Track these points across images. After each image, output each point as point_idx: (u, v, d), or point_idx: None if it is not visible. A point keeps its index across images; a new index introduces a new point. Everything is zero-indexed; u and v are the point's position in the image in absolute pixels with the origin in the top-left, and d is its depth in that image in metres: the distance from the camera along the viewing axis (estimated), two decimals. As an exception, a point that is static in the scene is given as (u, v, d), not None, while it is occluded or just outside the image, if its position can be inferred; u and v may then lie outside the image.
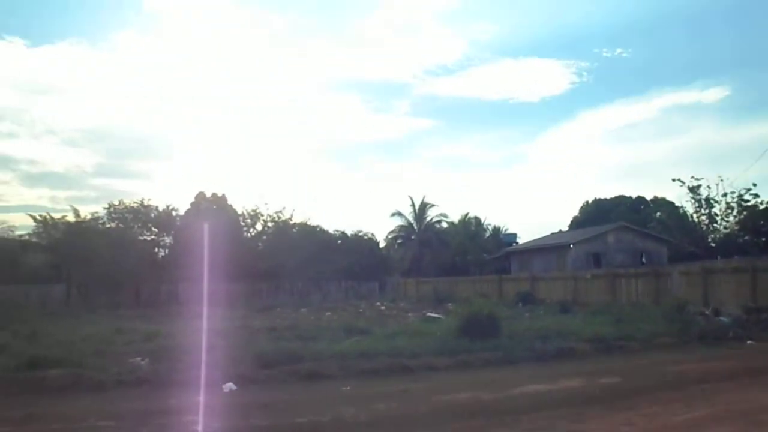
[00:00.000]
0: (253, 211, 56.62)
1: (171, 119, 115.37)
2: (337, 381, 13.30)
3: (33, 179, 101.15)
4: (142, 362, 15.15)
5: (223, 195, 57.91)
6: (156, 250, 55.02)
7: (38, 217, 52.39)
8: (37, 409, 10.86)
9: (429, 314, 28.89)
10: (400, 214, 67.25)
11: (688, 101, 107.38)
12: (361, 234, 60.23)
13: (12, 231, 54.86)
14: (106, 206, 54.11)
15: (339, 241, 58.57)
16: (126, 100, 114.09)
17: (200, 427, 9.39)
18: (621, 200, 76.90)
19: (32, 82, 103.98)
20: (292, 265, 51.21)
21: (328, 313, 31.87)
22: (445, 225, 69.65)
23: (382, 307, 37.07)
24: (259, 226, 57.35)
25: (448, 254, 64.93)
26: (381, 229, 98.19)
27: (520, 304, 32.46)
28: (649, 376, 13.77)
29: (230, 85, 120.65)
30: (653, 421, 9.28)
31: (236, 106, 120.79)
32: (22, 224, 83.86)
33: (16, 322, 25.28)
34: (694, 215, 52.36)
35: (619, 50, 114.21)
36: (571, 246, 53.65)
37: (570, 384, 12.67)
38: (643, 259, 53.52)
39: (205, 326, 18.99)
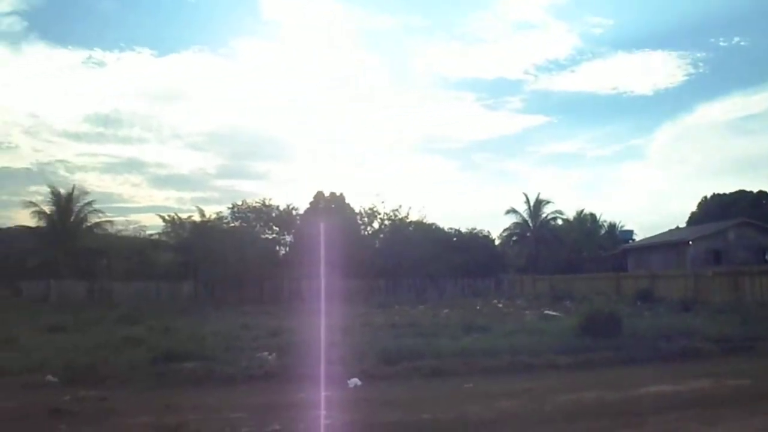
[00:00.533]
0: (370, 209, 57.13)
1: (289, 121, 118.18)
2: (460, 378, 13.39)
3: (161, 181, 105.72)
4: (270, 357, 15.64)
5: (341, 194, 58.78)
6: (277, 248, 56.27)
7: (167, 217, 54.77)
8: (174, 399, 11.43)
9: (547, 312, 28.57)
10: (514, 211, 66.53)
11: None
12: (476, 231, 59.93)
13: (143, 230, 57.63)
14: (230, 206, 55.88)
15: (454, 239, 58.35)
16: (246, 104, 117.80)
17: (329, 422, 9.64)
18: (741, 195, 73.81)
19: (159, 90, 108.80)
20: (409, 263, 51.41)
21: (446, 311, 31.82)
22: (560, 222, 68.49)
23: (500, 305, 36.77)
24: (376, 225, 57.83)
25: (564, 251, 63.94)
26: (496, 226, 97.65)
27: (639, 302, 31.64)
28: (782, 379, 13.29)
29: (345, 86, 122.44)
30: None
31: (352, 106, 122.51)
32: (152, 224, 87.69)
33: (150, 317, 26.64)
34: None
35: (736, 39, 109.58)
36: (690, 243, 52.02)
37: (698, 385, 12.33)
38: (767, 257, 51.28)
39: (327, 322, 19.38)
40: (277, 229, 55.77)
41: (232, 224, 54.62)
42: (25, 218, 54.14)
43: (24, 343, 18.18)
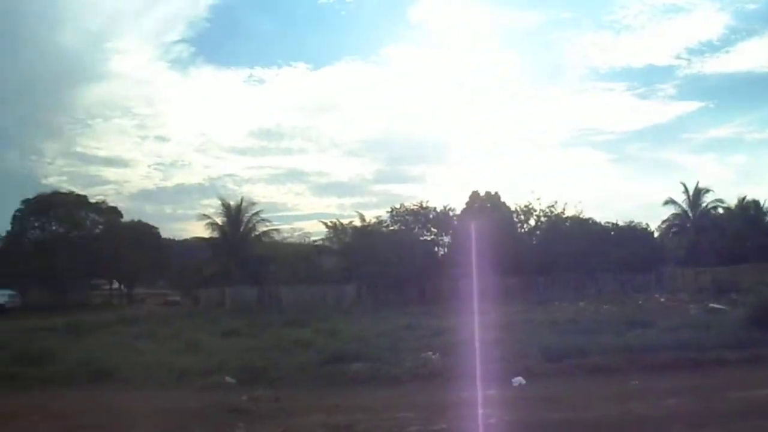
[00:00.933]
0: (525, 206, 56.46)
1: (442, 122, 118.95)
2: (624, 375, 13.19)
3: (322, 189, 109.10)
4: (433, 356, 15.87)
5: (496, 193, 58.38)
6: (436, 248, 56.54)
7: (329, 224, 56.40)
8: (342, 399, 11.88)
9: (712, 305, 27.42)
10: (673, 201, 63.48)
11: None
12: (633, 224, 58.01)
13: (307, 237, 59.60)
14: (389, 210, 56.70)
15: (612, 233, 56.71)
16: (399, 109, 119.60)
17: (494, 421, 9.74)
18: None
19: (316, 102, 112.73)
20: (566, 259, 50.43)
21: (606, 306, 31.21)
22: (721, 210, 64.86)
23: (662, 299, 35.64)
24: (532, 221, 57.04)
25: (726, 241, 60.55)
26: (653, 218, 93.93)
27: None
28: None
29: (493, 84, 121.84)
30: None
31: (502, 104, 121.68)
32: (316, 230, 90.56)
33: (316, 320, 27.61)
34: None
35: None
36: None
37: None
38: None
39: (487, 320, 19.47)
40: (435, 230, 56.02)
41: (392, 227, 55.39)
42: (200, 230, 57.32)
43: (203, 347, 19.32)
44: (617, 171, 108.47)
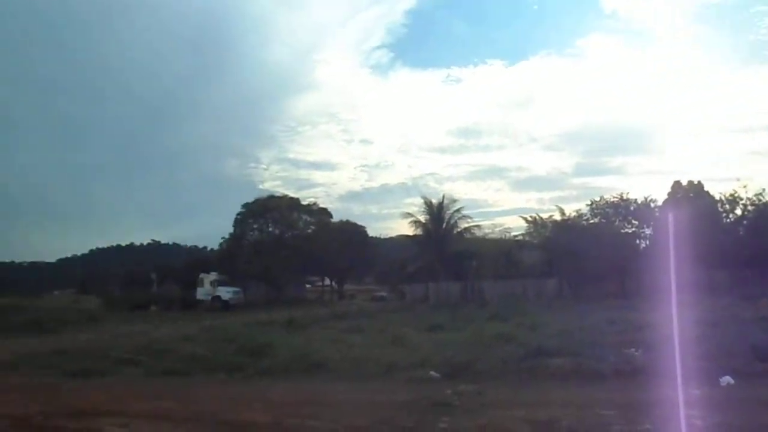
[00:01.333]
0: (730, 195, 53.47)
1: (640, 113, 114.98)
2: None
3: (521, 184, 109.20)
4: (636, 353, 15.69)
5: (699, 182, 56.19)
6: (637, 241, 54.91)
7: (529, 218, 56.35)
8: (543, 394, 12.06)
9: None
10: None
11: None
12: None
13: (508, 232, 59.82)
14: (588, 203, 55.70)
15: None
16: (595, 101, 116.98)
17: (701, 422, 9.47)
18: None
19: (512, 97, 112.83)
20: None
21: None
22: None
23: None
24: (738, 211, 53.92)
25: None
26: None
27: None
28: None
29: (692, 68, 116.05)
30: None
31: (702, 88, 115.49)
32: (516, 225, 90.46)
33: (517, 314, 27.82)
34: None
35: None
36: None
37: None
38: None
39: (691, 316, 18.87)
40: (636, 222, 54.37)
41: (592, 221, 54.41)
42: (404, 228, 59.21)
43: (409, 342, 20.13)
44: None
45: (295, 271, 63.54)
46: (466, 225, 57.45)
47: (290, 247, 60.99)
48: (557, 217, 54.76)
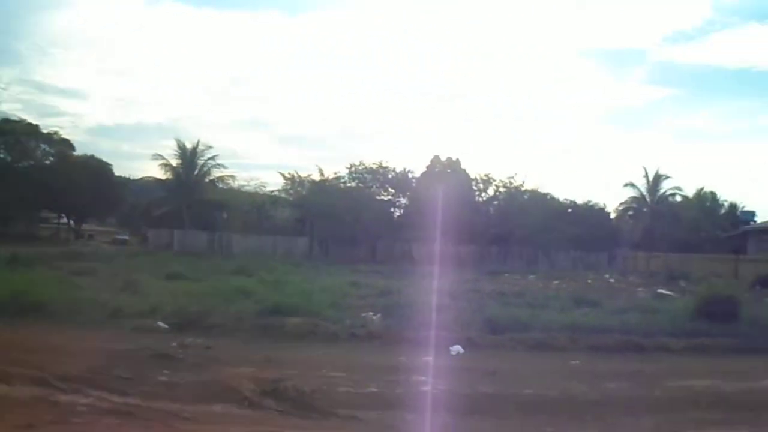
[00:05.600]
0: (485, 175, 56.43)
1: (408, 85, 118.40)
2: (566, 354, 13.00)
3: (284, 140, 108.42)
4: (375, 317, 15.68)
5: (457, 159, 58.28)
6: (392, 209, 56.45)
7: (287, 175, 55.77)
8: (276, 354, 11.63)
9: (660, 291, 27.47)
10: (632, 185, 63.81)
11: None
12: (591, 204, 58.47)
13: (264, 186, 59.03)
14: (348, 166, 56.23)
15: (569, 210, 57.02)
16: (366, 68, 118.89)
17: (427, 388, 9.51)
18: None
19: (288, 51, 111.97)
20: (522, 232, 50.65)
21: (556, 282, 31.14)
22: (678, 198, 65.52)
23: (611, 280, 35.72)
24: (491, 191, 57.05)
25: (681, 229, 61.19)
26: (612, 199, 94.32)
27: (759, 288, 29.97)
28: None
29: (465, 51, 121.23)
30: None
31: (472, 72, 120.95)
32: (274, 181, 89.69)
33: (264, 269, 27.20)
34: None
35: None
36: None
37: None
38: None
39: (435, 286, 19.24)
40: (393, 191, 55.87)
41: (349, 184, 55.10)
42: (155, 170, 56.29)
43: (143, 289, 18.83)
44: (582, 149, 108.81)
45: (26, 205, 58.29)
46: (220, 174, 55.74)
47: (23, 176, 55.77)
48: (316, 176, 54.82)
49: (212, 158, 55.17)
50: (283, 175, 56.12)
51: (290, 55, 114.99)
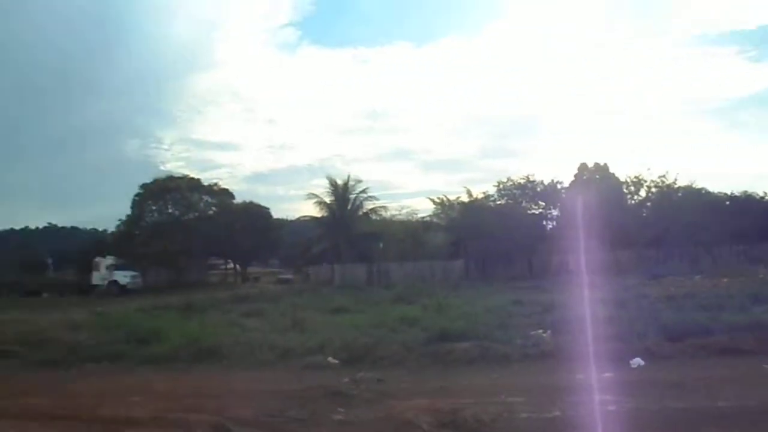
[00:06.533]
0: (635, 177, 54.56)
1: (546, 97, 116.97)
2: (756, 357, 12.03)
3: (428, 166, 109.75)
4: (544, 334, 15.22)
5: (605, 164, 57.05)
6: (544, 222, 55.57)
7: (436, 200, 56.24)
8: (448, 381, 11.46)
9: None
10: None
11: None
12: (750, 194, 55.15)
13: (415, 214, 59.63)
14: (495, 184, 55.91)
15: (727, 203, 54.13)
16: (502, 86, 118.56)
17: (613, 408, 9.02)
18: None
19: (421, 80, 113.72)
20: (679, 231, 48.37)
21: (726, 280, 29.49)
22: None
23: (786, 271, 33.42)
24: (642, 193, 55.14)
25: None
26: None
27: None
28: None
29: (597, 53, 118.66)
30: None
31: (607, 74, 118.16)
32: (423, 207, 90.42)
33: (423, 295, 27.24)
34: None
35: None
36: None
37: None
38: None
39: (598, 296, 18.62)
40: (543, 203, 55.01)
41: (499, 202, 54.66)
42: (310, 209, 58.42)
43: (310, 325, 19.17)
44: (730, 139, 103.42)
45: (196, 254, 61.90)
46: (372, 206, 56.99)
47: (190, 228, 59.27)
48: (465, 198, 54.82)
49: (363, 191, 56.75)
50: (432, 201, 56.82)
51: (424, 82, 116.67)
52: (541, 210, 55.47)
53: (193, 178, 65.59)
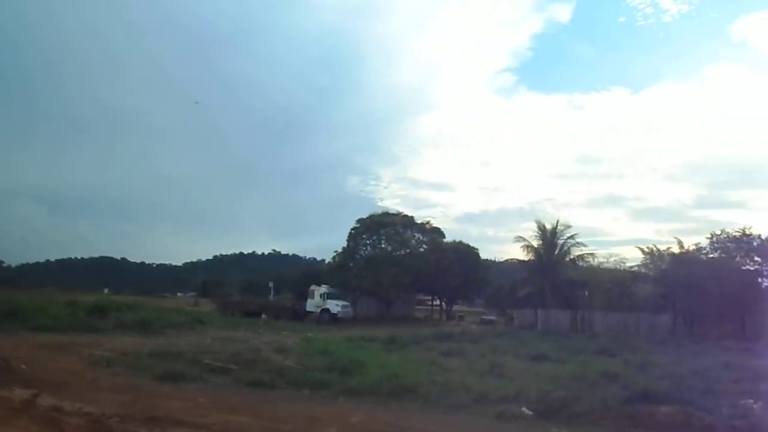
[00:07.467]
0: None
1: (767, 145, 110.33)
2: None
3: (639, 214, 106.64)
4: (755, 405, 14.27)
5: (828, 219, 52.67)
6: (759, 279, 51.94)
7: (645, 249, 54.20)
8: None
9: None
10: None
11: None
12: None
13: (623, 262, 57.79)
14: (708, 236, 53.19)
15: None
16: (721, 132, 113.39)
17: None
18: None
19: (635, 126, 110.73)
20: None
21: None
22: None
23: None
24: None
25: None
26: None
27: None
28: None
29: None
30: None
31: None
32: (631, 256, 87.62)
33: (627, 349, 26.43)
34: None
35: None
36: None
37: None
38: None
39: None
40: (759, 259, 51.40)
41: (711, 255, 51.83)
42: (517, 252, 58.90)
43: (507, 371, 19.19)
44: None
45: (405, 289, 63.72)
46: (580, 252, 56.10)
47: (401, 263, 61.19)
48: (675, 249, 52.48)
49: (571, 237, 56.18)
50: (641, 250, 54.65)
51: (638, 128, 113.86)
52: (757, 266, 51.97)
53: (407, 216, 68.27)
